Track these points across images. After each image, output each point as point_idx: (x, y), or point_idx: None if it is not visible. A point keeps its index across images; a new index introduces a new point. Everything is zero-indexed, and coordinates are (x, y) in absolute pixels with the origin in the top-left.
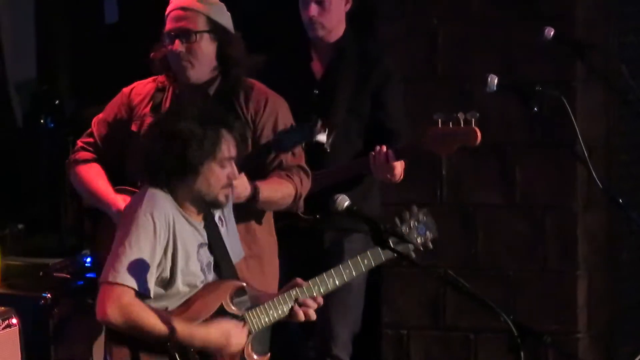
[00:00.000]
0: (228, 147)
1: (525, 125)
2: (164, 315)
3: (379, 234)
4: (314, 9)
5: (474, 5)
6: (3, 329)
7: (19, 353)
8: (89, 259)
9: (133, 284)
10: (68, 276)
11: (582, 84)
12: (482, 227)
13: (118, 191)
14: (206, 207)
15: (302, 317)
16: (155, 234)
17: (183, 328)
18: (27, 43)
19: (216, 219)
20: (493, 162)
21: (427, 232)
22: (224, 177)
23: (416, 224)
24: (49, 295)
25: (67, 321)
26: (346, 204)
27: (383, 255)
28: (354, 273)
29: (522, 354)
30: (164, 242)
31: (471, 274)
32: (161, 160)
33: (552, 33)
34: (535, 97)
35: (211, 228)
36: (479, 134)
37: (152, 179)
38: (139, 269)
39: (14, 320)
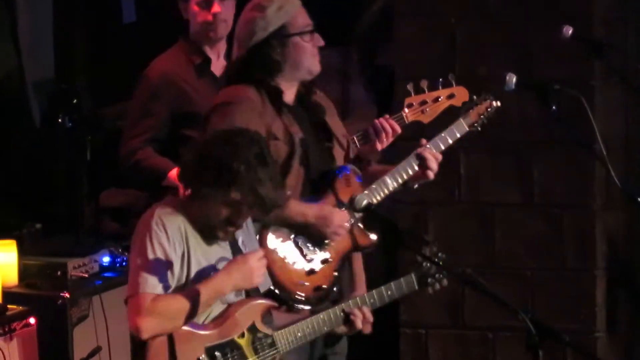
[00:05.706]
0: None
1: (543, 124)
2: (188, 289)
3: (396, 234)
4: (217, 6)
5: (492, 4)
6: (21, 328)
7: (36, 352)
8: (107, 259)
9: (157, 290)
10: (86, 276)
11: (600, 82)
12: (500, 226)
13: None
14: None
15: (358, 325)
16: (170, 244)
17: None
18: (46, 42)
19: (239, 243)
20: (511, 161)
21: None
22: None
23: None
24: (66, 294)
25: None
26: (365, 202)
27: (405, 287)
28: (377, 304)
29: (540, 353)
30: (180, 252)
31: (489, 273)
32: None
33: (570, 32)
34: (553, 96)
35: (235, 249)
36: (466, 90)
37: (185, 186)
38: (159, 277)
39: (32, 320)
